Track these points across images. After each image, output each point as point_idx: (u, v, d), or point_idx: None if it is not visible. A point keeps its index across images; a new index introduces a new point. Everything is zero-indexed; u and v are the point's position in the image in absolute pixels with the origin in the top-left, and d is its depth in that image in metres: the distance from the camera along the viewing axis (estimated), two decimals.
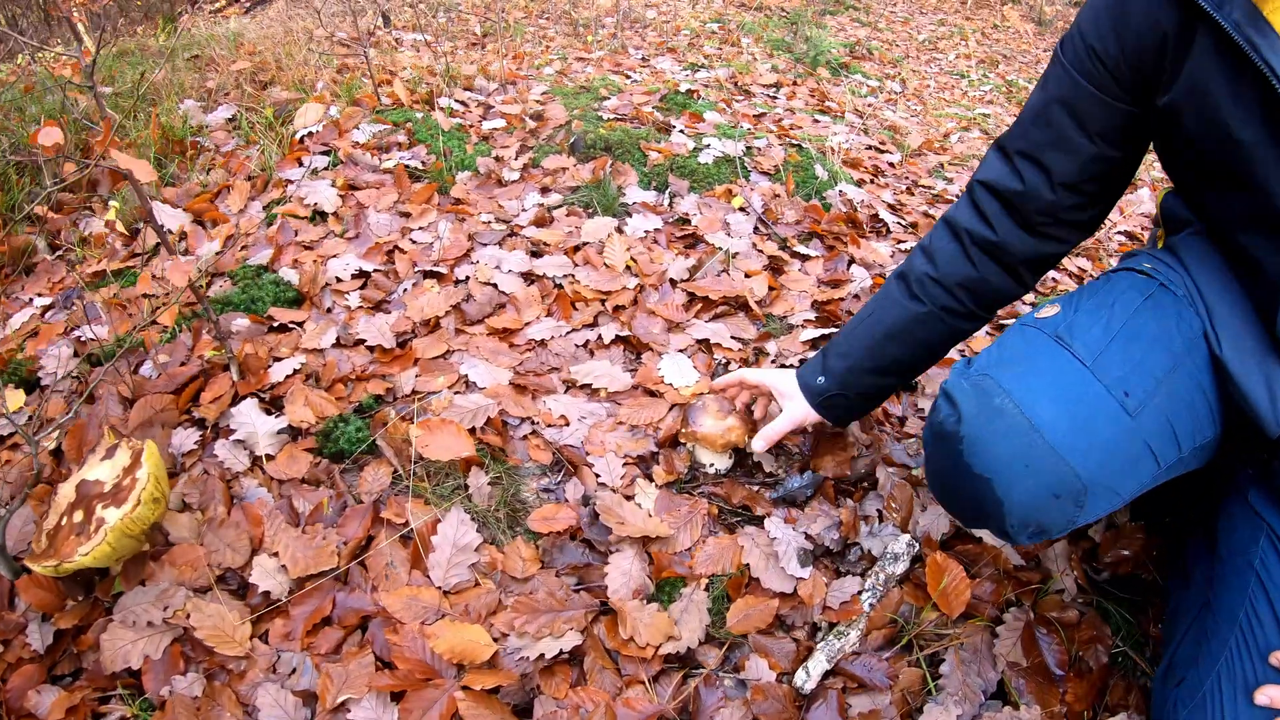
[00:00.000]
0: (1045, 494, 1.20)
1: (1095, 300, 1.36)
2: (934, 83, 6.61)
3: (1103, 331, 1.28)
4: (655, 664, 1.55)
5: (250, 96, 3.52)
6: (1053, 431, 1.18)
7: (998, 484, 1.22)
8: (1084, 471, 1.18)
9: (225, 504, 1.77)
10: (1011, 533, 1.27)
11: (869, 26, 8.28)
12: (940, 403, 1.32)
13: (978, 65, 7.63)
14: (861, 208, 3.01)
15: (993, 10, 10.25)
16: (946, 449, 1.29)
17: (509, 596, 1.62)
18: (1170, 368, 1.26)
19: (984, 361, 1.32)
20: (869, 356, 1.66)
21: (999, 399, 1.23)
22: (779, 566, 1.69)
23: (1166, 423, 1.25)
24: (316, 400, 1.95)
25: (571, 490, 1.82)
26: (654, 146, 3.13)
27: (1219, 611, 1.32)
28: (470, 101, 3.61)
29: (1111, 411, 1.21)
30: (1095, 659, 1.57)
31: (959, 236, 1.54)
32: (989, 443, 1.22)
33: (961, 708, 1.49)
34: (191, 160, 3.08)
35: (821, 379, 1.72)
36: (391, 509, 1.74)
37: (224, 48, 4.21)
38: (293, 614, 1.59)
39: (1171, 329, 1.30)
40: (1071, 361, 1.25)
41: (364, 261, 2.48)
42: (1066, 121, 1.35)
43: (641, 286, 2.43)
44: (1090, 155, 1.36)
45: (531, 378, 2.08)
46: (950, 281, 1.54)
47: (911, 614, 1.66)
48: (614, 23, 5.96)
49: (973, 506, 1.29)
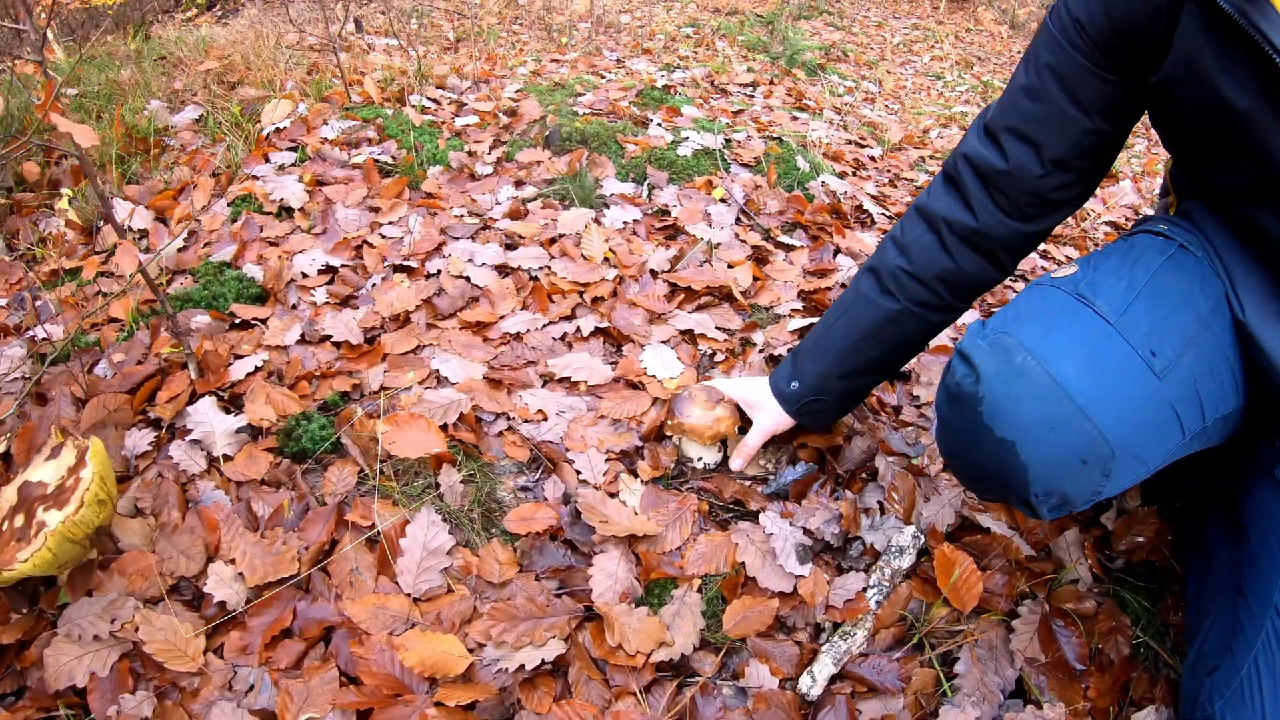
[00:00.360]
0: (1072, 458, 1.11)
1: (1115, 259, 1.28)
2: (910, 83, 6.58)
3: (1126, 289, 1.20)
4: (647, 673, 1.43)
5: (218, 97, 3.43)
6: (1080, 391, 1.10)
7: (1021, 447, 1.13)
8: (1112, 435, 1.10)
9: (180, 508, 1.65)
10: (1034, 503, 1.18)
11: (843, 30, 8.26)
12: (955, 364, 1.22)
13: (953, 67, 7.62)
14: (845, 199, 2.94)
15: (966, 14, 10.28)
16: (964, 412, 1.19)
17: (485, 603, 1.51)
18: (1196, 329, 1.18)
19: (1001, 320, 1.22)
20: (843, 360, 1.59)
21: (1020, 357, 1.14)
22: (777, 564, 1.58)
23: (1193, 387, 1.17)
24: (278, 398, 1.84)
25: (551, 488, 1.72)
26: (631, 139, 3.05)
27: (1252, 594, 1.24)
28: (442, 99, 3.54)
29: (1138, 372, 1.13)
30: (1116, 651, 1.49)
31: (935, 227, 1.45)
32: (1011, 403, 1.13)
33: (980, 709, 1.39)
34: (155, 159, 2.99)
35: (795, 384, 1.65)
36: (357, 511, 1.62)
37: (192, 51, 4.11)
38: (250, 625, 1.47)
39: (1195, 290, 1.22)
40: (1095, 319, 1.16)
41: (331, 257, 2.39)
42: (1060, 95, 1.27)
43: (621, 278, 2.34)
44: (1083, 129, 1.28)
45: (507, 372, 1.98)
46: (927, 275, 1.46)
47: (921, 610, 1.56)
48: (588, 28, 5.89)
49: (993, 475, 1.20)
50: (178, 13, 8.01)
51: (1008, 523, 1.67)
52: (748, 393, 1.75)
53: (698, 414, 1.72)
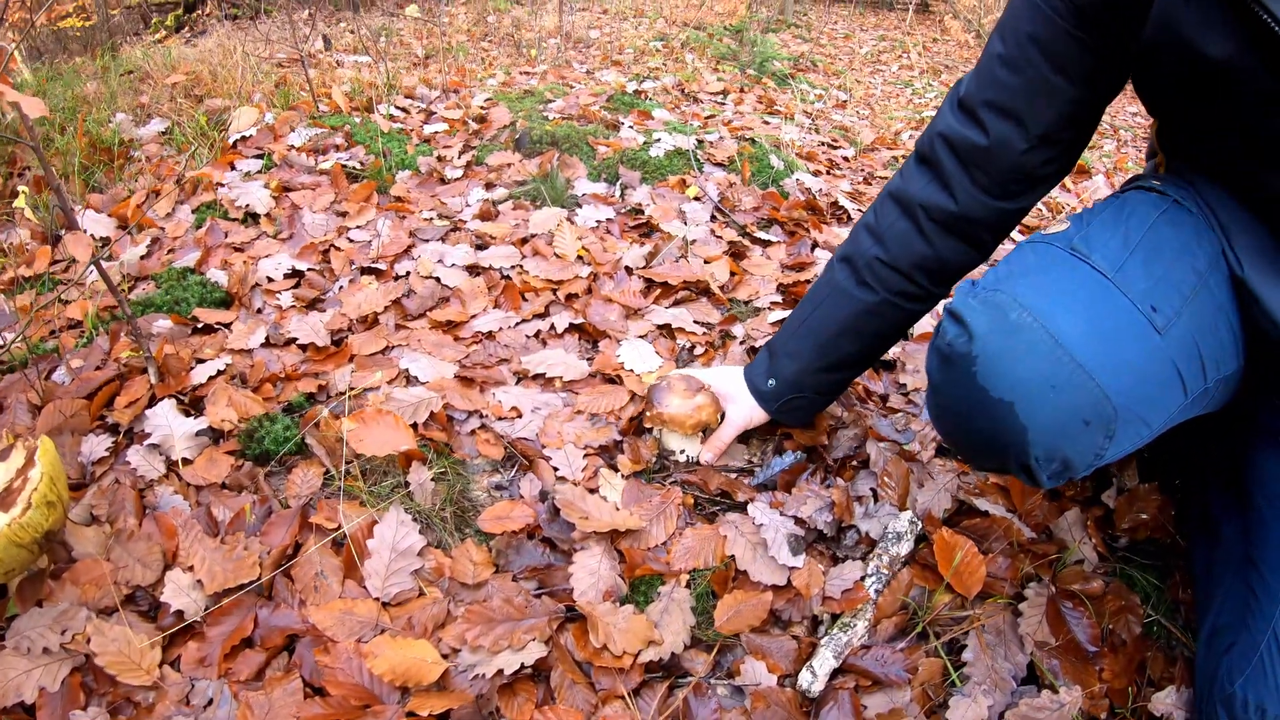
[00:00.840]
0: (1074, 419, 1.05)
1: (1109, 214, 1.22)
2: (880, 91, 6.61)
3: (1122, 243, 1.15)
4: (635, 674, 1.36)
5: (185, 109, 3.37)
6: (1079, 347, 1.04)
7: (1020, 408, 1.06)
8: (1114, 393, 1.04)
9: (136, 514, 1.58)
10: (1035, 467, 1.11)
11: (811, 42, 8.31)
12: (946, 325, 1.15)
13: (921, 75, 7.66)
14: (820, 195, 2.91)
15: (932, 24, 10.37)
16: (957, 374, 1.12)
17: (459, 606, 1.43)
18: (1195, 285, 1.13)
19: (994, 278, 1.16)
20: (821, 355, 1.55)
21: (1015, 313, 1.07)
22: (768, 556, 1.52)
23: (1194, 345, 1.12)
24: (241, 400, 1.77)
25: (527, 486, 1.65)
26: (603, 141, 3.01)
27: (1265, 564, 1.20)
28: (411, 108, 3.51)
29: (1139, 328, 1.08)
30: (1128, 631, 1.43)
31: (911, 213, 1.40)
32: (1008, 361, 1.07)
33: (992, 697, 1.33)
34: (120, 169, 2.93)
35: (772, 382, 1.61)
36: (322, 513, 1.55)
37: (160, 66, 4.06)
38: (209, 635, 1.39)
39: (1192, 244, 1.17)
40: (1091, 273, 1.11)
41: (297, 261, 2.34)
42: (1042, 64, 1.21)
43: (595, 275, 2.29)
44: (1069, 99, 1.23)
45: (479, 370, 1.92)
46: (904, 264, 1.42)
47: (923, 598, 1.50)
48: (557, 43, 5.86)
49: (989, 439, 1.13)
50: (146, 34, 7.96)
51: (1006, 505, 1.62)
52: (721, 383, 1.70)
53: (677, 403, 1.66)
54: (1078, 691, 1.32)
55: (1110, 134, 5.68)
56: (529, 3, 7.79)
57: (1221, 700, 1.17)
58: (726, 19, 7.81)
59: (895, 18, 10.48)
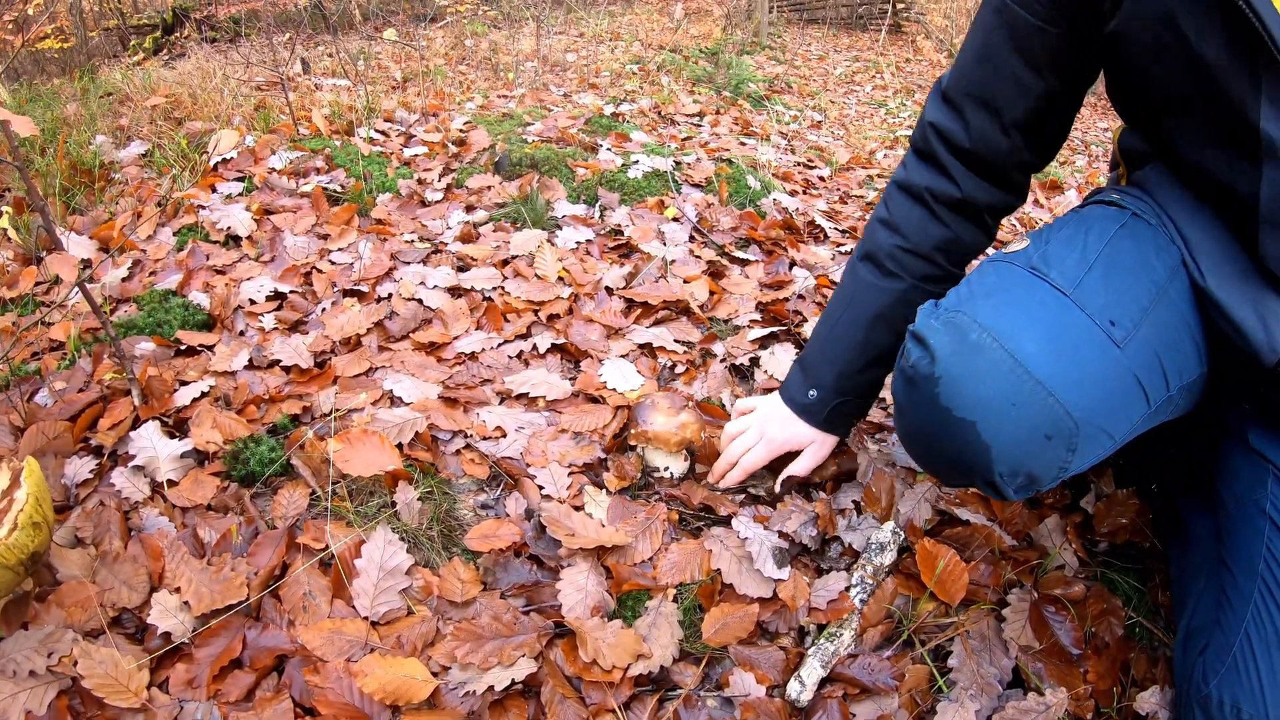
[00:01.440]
0: (1036, 435, 1.08)
1: (1067, 231, 1.26)
2: (854, 111, 6.68)
3: (1080, 259, 1.18)
4: (625, 688, 1.37)
5: (164, 132, 3.38)
6: (1038, 365, 1.07)
7: (983, 426, 1.09)
8: (1075, 408, 1.07)
9: (122, 537, 1.58)
10: (1000, 483, 1.14)
11: (785, 64, 8.39)
12: (909, 346, 1.19)
13: (895, 95, 7.75)
14: (797, 214, 2.94)
15: (905, 44, 10.50)
16: (921, 395, 1.15)
17: (448, 624, 1.44)
18: (1154, 296, 1.16)
19: (955, 299, 1.19)
20: (860, 353, 1.54)
21: (975, 334, 1.11)
22: (754, 569, 1.54)
23: (1155, 355, 1.15)
24: (225, 421, 1.77)
25: (513, 504, 1.66)
26: (582, 163, 3.04)
27: (1236, 566, 1.22)
28: (391, 131, 3.52)
29: (1098, 342, 1.10)
30: (1110, 633, 1.46)
31: (921, 199, 1.43)
32: (969, 381, 1.10)
33: (979, 701, 1.35)
34: (100, 192, 2.93)
35: (813, 392, 1.60)
36: (309, 533, 1.56)
37: (139, 88, 4.07)
38: (197, 657, 1.39)
39: (1151, 257, 1.20)
40: (1051, 291, 1.14)
41: (280, 283, 2.35)
42: (1012, 57, 1.26)
43: (576, 295, 2.31)
44: (1040, 91, 1.28)
45: (463, 391, 1.93)
46: (926, 248, 1.44)
47: (908, 606, 1.53)
48: (534, 66, 5.90)
49: (955, 457, 1.16)
50: (125, 57, 7.95)
51: (986, 514, 1.65)
52: (762, 408, 1.70)
53: (661, 421, 1.68)
54: (1063, 693, 1.34)
55: (1082, 149, 5.77)
56: (506, 27, 7.84)
57: (1198, 701, 1.19)
58: (702, 42, 7.89)
59: (868, 39, 10.61)
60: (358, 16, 9.30)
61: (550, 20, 8.01)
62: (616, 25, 8.91)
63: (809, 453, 1.68)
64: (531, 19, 6.78)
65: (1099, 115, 6.76)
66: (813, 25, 12.80)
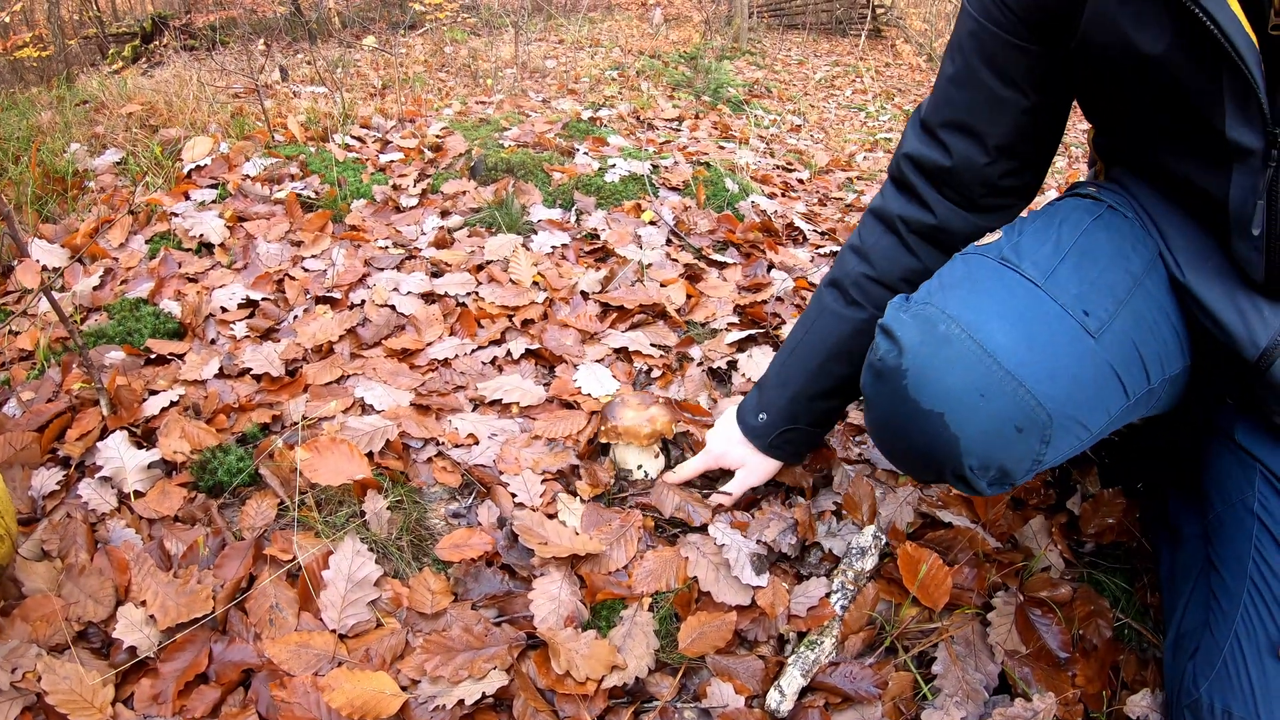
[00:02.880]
0: (1006, 426, 1.06)
1: (1040, 222, 1.23)
2: (834, 115, 6.69)
3: (1053, 250, 1.16)
4: (599, 701, 1.34)
5: (140, 140, 3.35)
6: (1008, 356, 1.05)
7: (951, 418, 1.07)
8: (1047, 399, 1.05)
9: (88, 549, 1.55)
10: (970, 477, 1.12)
11: (765, 69, 8.40)
12: (878, 340, 1.16)
13: (875, 99, 7.77)
14: (776, 217, 2.94)
15: (885, 49, 10.53)
16: (889, 388, 1.13)
17: (418, 636, 1.42)
18: (1130, 288, 1.15)
19: (925, 292, 1.17)
20: (814, 381, 1.51)
21: (944, 325, 1.08)
22: (731, 576, 1.51)
23: (1132, 346, 1.13)
24: (193, 431, 1.75)
25: (485, 513, 1.64)
26: (558, 168, 3.02)
27: (1224, 567, 1.21)
28: (367, 137, 3.51)
29: (1071, 332, 1.08)
30: (1099, 635, 1.44)
31: (893, 227, 1.40)
32: (937, 373, 1.08)
33: (964, 709, 1.33)
34: (73, 200, 2.90)
35: (763, 416, 1.57)
36: (277, 544, 1.53)
37: (115, 96, 4.04)
38: (163, 672, 1.36)
39: (1127, 249, 1.19)
40: (1021, 281, 1.12)
41: (252, 291, 2.33)
42: (991, 78, 1.23)
43: (551, 300, 2.29)
44: (1022, 109, 1.24)
45: (435, 398, 1.91)
46: (892, 278, 1.40)
47: (890, 612, 1.50)
48: (513, 73, 5.89)
49: (924, 450, 1.13)
50: (103, 65, 7.91)
51: (970, 516, 1.63)
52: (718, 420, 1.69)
53: (631, 415, 1.67)
54: (1051, 698, 1.32)
55: (1061, 151, 5.79)
56: (485, 34, 7.82)
57: (1189, 706, 1.17)
58: (681, 47, 7.89)
59: (848, 43, 10.64)
60: (337, 24, 9.28)
61: (530, 27, 8.00)
62: (596, 32, 8.92)
63: (740, 476, 1.66)
64: (511, 25, 6.77)
65: (1079, 117, 6.80)
66: (793, 30, 12.84)
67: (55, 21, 8.64)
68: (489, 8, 8.63)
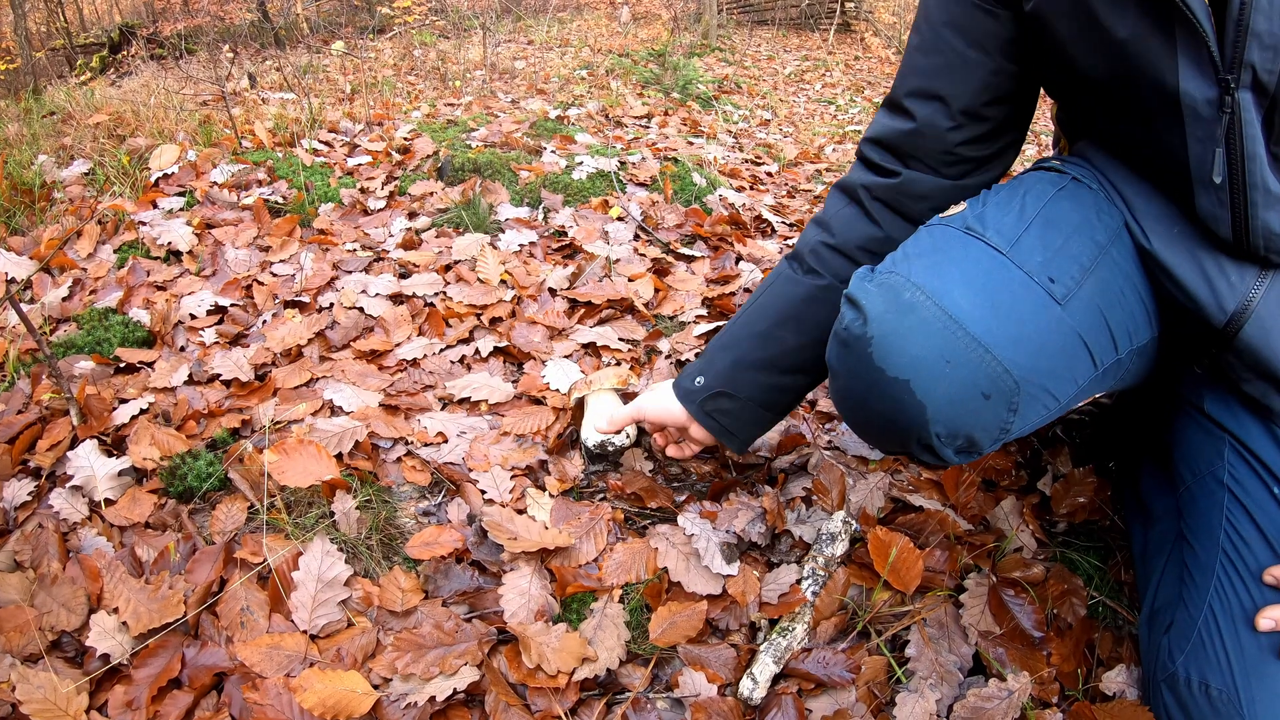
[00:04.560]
0: (972, 393, 1.06)
1: (1004, 194, 1.24)
2: (803, 109, 6.72)
3: (1017, 218, 1.16)
4: (570, 693, 1.34)
5: (107, 150, 3.33)
6: (973, 322, 1.05)
7: (916, 385, 1.07)
8: (1014, 366, 1.05)
9: (60, 558, 1.55)
10: (937, 446, 1.11)
11: (735, 65, 8.42)
12: (844, 310, 1.15)
13: (844, 92, 7.81)
14: (744, 210, 2.96)
15: (854, 43, 10.58)
16: (854, 357, 1.12)
17: (389, 635, 1.42)
18: (1096, 256, 1.15)
19: (890, 262, 1.17)
20: (760, 346, 1.45)
21: (909, 293, 1.08)
22: (702, 565, 1.51)
23: (1099, 315, 1.13)
24: (163, 438, 1.75)
25: (455, 510, 1.65)
26: (525, 166, 3.03)
27: (1196, 540, 1.22)
28: (335, 142, 3.50)
29: (1037, 299, 1.08)
30: (1073, 613, 1.45)
31: (855, 195, 1.39)
32: (902, 340, 1.07)
33: (939, 690, 1.33)
34: (42, 212, 2.89)
35: (700, 379, 1.51)
36: (247, 547, 1.53)
37: (83, 107, 4.02)
38: (136, 678, 1.36)
39: (1092, 218, 1.19)
40: (986, 249, 1.12)
41: (220, 297, 2.33)
42: (957, 41, 1.23)
43: (519, 298, 2.30)
44: (988, 71, 1.24)
45: (404, 397, 1.92)
46: (849, 246, 1.38)
47: (862, 597, 1.50)
48: (483, 74, 5.89)
49: (889, 419, 1.13)
50: (71, 76, 7.85)
51: (941, 499, 1.64)
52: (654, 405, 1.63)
53: (596, 374, 1.71)
54: (1026, 678, 1.32)
55: (1031, 140, 5.83)
56: (455, 36, 7.80)
57: (1165, 680, 1.18)
58: (651, 45, 7.90)
59: (818, 38, 10.68)
60: (305, 29, 9.24)
61: (499, 28, 7.99)
62: (566, 31, 8.92)
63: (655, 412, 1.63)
64: (480, 27, 6.76)
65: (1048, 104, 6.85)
66: (762, 26, 12.86)
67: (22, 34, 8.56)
68: (457, 10, 8.61)
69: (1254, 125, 1.02)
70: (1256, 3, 0.94)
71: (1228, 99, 1.01)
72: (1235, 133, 1.03)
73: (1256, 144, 1.03)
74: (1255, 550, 1.13)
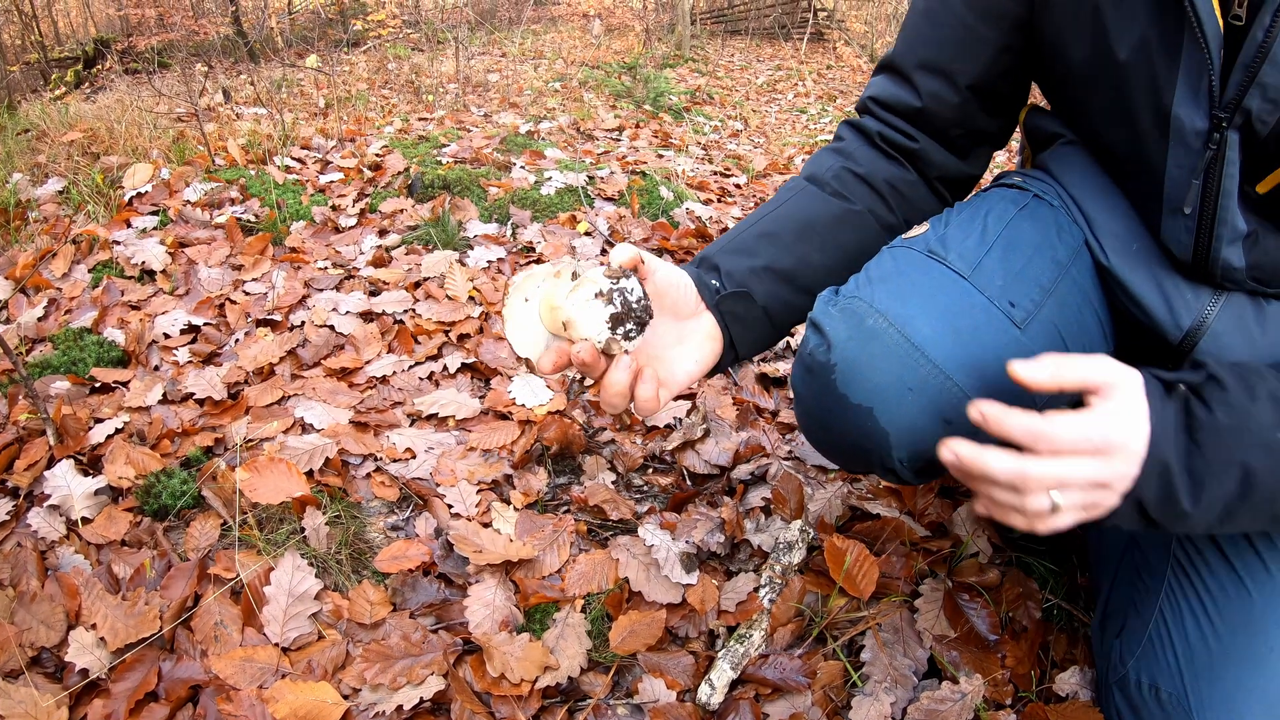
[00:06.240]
0: (934, 419, 1.05)
1: (966, 214, 1.22)
2: (775, 119, 6.79)
3: (979, 241, 1.15)
4: (533, 701, 1.38)
5: (82, 168, 3.36)
6: (935, 348, 1.04)
7: (880, 412, 1.06)
8: (974, 392, 1.04)
9: (39, 576, 1.58)
10: (899, 469, 1.10)
11: (708, 75, 8.49)
12: (808, 335, 1.13)
13: (816, 101, 7.89)
14: (711, 222, 3.01)
15: (826, 52, 10.67)
16: (819, 383, 1.11)
17: (358, 646, 1.47)
18: (1056, 277, 1.15)
19: (853, 286, 1.14)
20: (784, 253, 1.25)
21: (872, 320, 1.07)
22: (661, 575, 1.56)
23: (1058, 336, 1.13)
24: (138, 457, 1.79)
25: (422, 524, 1.69)
26: (494, 182, 3.08)
27: (1147, 546, 1.24)
28: (307, 159, 3.53)
29: (997, 324, 1.08)
30: (1028, 617, 1.48)
31: (873, 142, 1.31)
32: (865, 367, 1.06)
33: (894, 694, 1.36)
34: (16, 231, 2.91)
35: (715, 281, 1.27)
36: (220, 563, 1.58)
37: (57, 124, 4.03)
38: (114, 692, 1.40)
39: (1052, 238, 1.18)
40: (947, 274, 1.11)
41: (194, 316, 2.37)
42: (964, 10, 1.20)
43: (487, 314, 2.35)
44: (997, 46, 1.21)
45: (373, 414, 1.97)
46: (878, 178, 1.29)
47: (818, 603, 1.54)
48: (456, 88, 5.93)
49: (854, 444, 1.12)
50: (46, 91, 7.83)
51: (899, 507, 1.68)
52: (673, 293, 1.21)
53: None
54: (979, 680, 1.34)
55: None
56: (429, 49, 7.84)
57: (1117, 683, 1.20)
58: (624, 57, 7.96)
59: (790, 48, 10.77)
60: (279, 43, 9.25)
61: (472, 41, 8.03)
62: (540, 44, 8.97)
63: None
64: (453, 40, 6.80)
65: None
66: (735, 36, 12.96)
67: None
68: (431, 23, 8.64)
69: (1234, 165, 1.01)
70: (1272, 55, 0.93)
71: (1216, 135, 1.00)
72: (1216, 168, 1.03)
73: (1233, 182, 1.03)
74: (1206, 556, 1.15)
